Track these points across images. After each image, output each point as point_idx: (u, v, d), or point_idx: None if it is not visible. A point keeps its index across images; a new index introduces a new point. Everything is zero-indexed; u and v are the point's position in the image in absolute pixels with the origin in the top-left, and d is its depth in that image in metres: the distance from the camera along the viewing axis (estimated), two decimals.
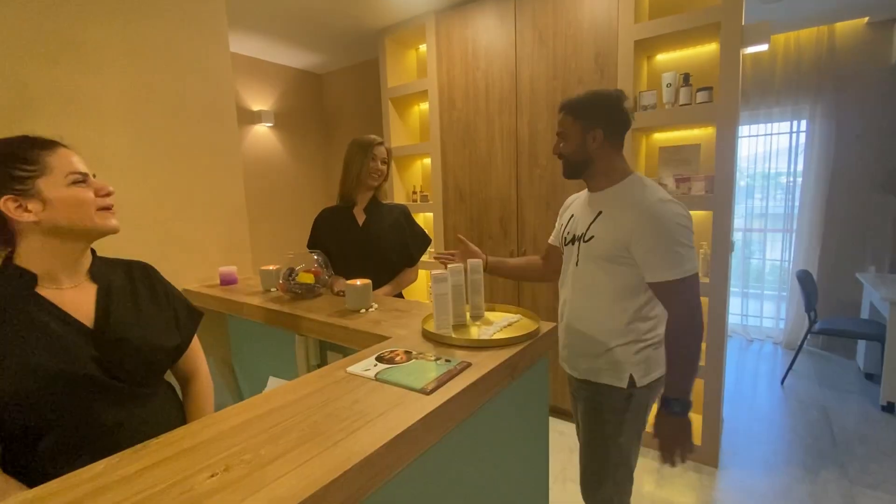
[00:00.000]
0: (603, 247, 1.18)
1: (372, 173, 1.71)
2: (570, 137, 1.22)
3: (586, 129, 1.20)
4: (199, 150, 1.81)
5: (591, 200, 1.27)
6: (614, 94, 1.21)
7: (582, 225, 1.26)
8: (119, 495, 0.49)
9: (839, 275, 3.52)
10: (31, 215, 0.76)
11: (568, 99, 1.25)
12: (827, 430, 2.48)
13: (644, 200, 1.13)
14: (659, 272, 1.10)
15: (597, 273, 1.21)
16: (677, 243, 1.08)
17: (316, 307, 1.33)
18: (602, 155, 1.21)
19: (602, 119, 1.19)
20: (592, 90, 1.23)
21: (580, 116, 1.21)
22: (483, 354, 0.88)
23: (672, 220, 1.09)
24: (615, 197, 1.20)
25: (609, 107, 1.20)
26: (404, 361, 0.84)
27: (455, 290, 1.05)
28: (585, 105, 1.21)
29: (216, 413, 0.69)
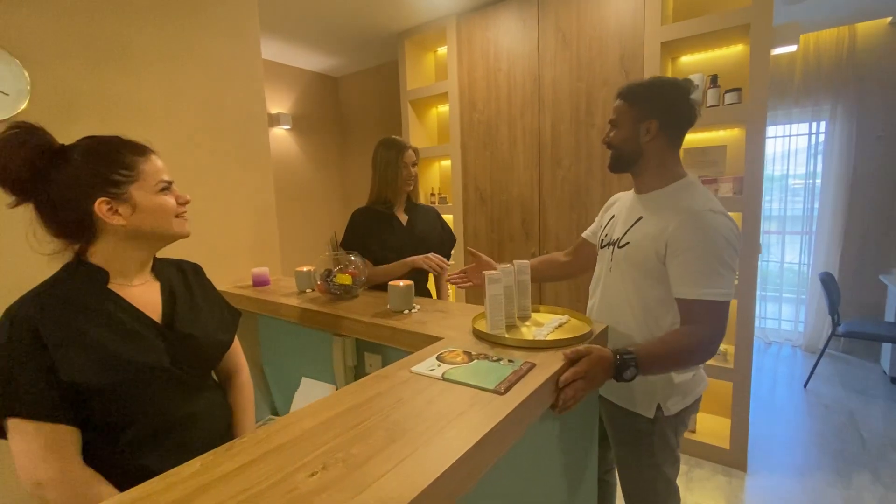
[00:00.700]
0: (638, 255, 1.08)
1: (407, 180, 1.74)
2: (622, 126, 1.12)
3: (640, 118, 1.09)
4: (233, 153, 1.82)
5: (636, 203, 1.17)
6: (680, 84, 1.09)
7: (620, 228, 1.16)
8: (224, 493, 0.50)
9: (861, 277, 3.49)
10: (120, 219, 0.77)
11: (629, 84, 1.14)
12: (855, 434, 2.45)
13: (693, 207, 1.01)
14: (691, 288, 0.97)
15: (628, 284, 1.11)
16: (720, 261, 0.96)
17: (355, 308, 1.34)
18: (654, 150, 1.10)
19: (659, 109, 1.08)
20: (656, 76, 1.14)
21: (636, 103, 1.10)
22: (542, 355, 0.88)
23: (720, 234, 0.97)
24: (661, 201, 1.10)
25: (671, 97, 1.08)
26: (466, 362, 0.84)
27: (507, 290, 1.05)
28: (643, 91, 1.10)
29: (293, 413, 0.69)
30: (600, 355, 0.87)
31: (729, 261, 0.98)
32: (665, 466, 1.16)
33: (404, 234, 1.76)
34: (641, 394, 1.12)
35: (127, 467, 0.74)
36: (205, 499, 0.49)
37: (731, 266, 0.98)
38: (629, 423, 1.16)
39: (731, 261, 0.98)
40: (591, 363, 0.85)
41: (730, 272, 0.98)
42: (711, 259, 0.96)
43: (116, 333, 0.75)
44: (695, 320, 0.98)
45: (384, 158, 1.72)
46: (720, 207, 1.03)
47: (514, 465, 0.73)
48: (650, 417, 1.12)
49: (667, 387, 1.10)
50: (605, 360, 0.87)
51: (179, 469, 0.55)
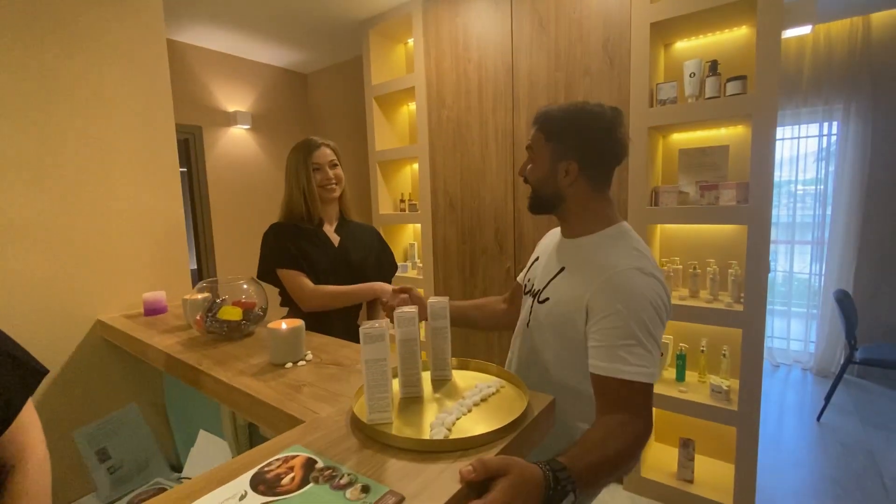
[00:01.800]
0: (558, 317, 0.87)
1: (323, 184, 1.40)
2: (539, 162, 0.91)
3: (557, 156, 0.88)
4: (125, 152, 1.49)
5: (560, 248, 0.96)
6: (604, 115, 0.87)
7: (541, 279, 0.96)
8: None
9: (879, 293, 3.13)
10: None
11: (545, 109, 0.92)
12: (877, 481, 2.09)
13: (618, 264, 0.81)
14: (610, 363, 0.75)
15: (546, 349, 0.91)
16: (646, 332, 0.76)
17: (235, 355, 1.00)
18: (576, 194, 0.89)
19: (578, 148, 0.87)
20: (577, 104, 0.89)
21: (552, 138, 0.89)
22: (431, 471, 0.54)
23: (648, 301, 0.77)
24: (586, 251, 0.89)
25: (591, 133, 0.86)
26: (293, 489, 0.50)
27: (404, 347, 0.72)
28: (561, 124, 0.88)
29: None
30: (523, 477, 0.52)
31: (656, 334, 0.78)
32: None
33: (335, 255, 1.42)
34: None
35: None
36: None
37: (657, 341, 0.78)
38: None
39: (657, 333, 0.78)
40: (512, 492, 0.50)
41: (655, 347, 0.77)
42: (633, 328, 0.76)
43: None
44: (616, 407, 0.74)
45: (293, 163, 1.39)
46: (651, 267, 0.82)
47: None
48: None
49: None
50: (532, 485, 0.52)
51: None
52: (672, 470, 2.02)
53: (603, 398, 0.76)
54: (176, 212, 1.63)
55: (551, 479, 0.54)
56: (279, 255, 1.36)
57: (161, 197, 1.59)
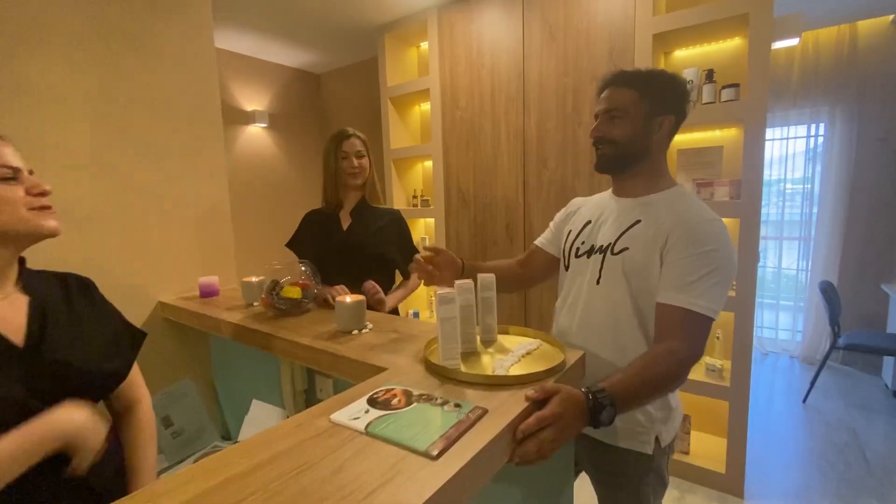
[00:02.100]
0: (637, 261, 0.93)
1: (348, 171, 1.57)
2: (631, 118, 0.95)
3: (655, 112, 0.95)
4: (178, 149, 1.65)
5: (628, 206, 1.01)
6: (684, 81, 0.97)
7: (610, 234, 1.00)
8: None
9: (862, 286, 3.35)
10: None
11: (624, 71, 0.99)
12: (859, 455, 2.30)
13: (701, 214, 0.91)
14: (679, 294, 0.85)
15: (624, 296, 0.95)
16: (721, 274, 0.85)
17: (302, 326, 1.17)
18: (660, 150, 0.99)
19: (675, 106, 0.96)
20: (658, 69, 0.99)
21: (649, 95, 0.95)
22: (501, 396, 0.71)
23: (724, 246, 0.87)
24: (659, 205, 0.96)
25: (684, 93, 0.97)
26: (403, 407, 0.67)
27: (464, 311, 0.89)
28: (659, 83, 0.96)
29: (158, 482, 0.52)
30: (570, 395, 0.69)
31: (729, 277, 0.87)
32: (657, 500, 1.03)
33: (340, 237, 1.58)
34: (635, 427, 0.96)
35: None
36: None
37: (729, 283, 0.88)
38: (620, 462, 1.00)
39: (730, 279, 0.87)
40: (563, 404, 0.67)
41: (725, 290, 0.87)
42: (712, 269, 0.85)
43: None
44: (672, 334, 0.85)
45: (326, 150, 1.58)
46: (717, 216, 0.93)
47: None
48: (649, 454, 0.97)
49: (665, 416, 0.97)
50: (577, 401, 0.69)
51: None
52: None
53: (664, 327, 0.86)
54: (223, 202, 1.79)
55: (591, 400, 0.71)
56: (293, 235, 1.71)
57: (209, 188, 1.74)
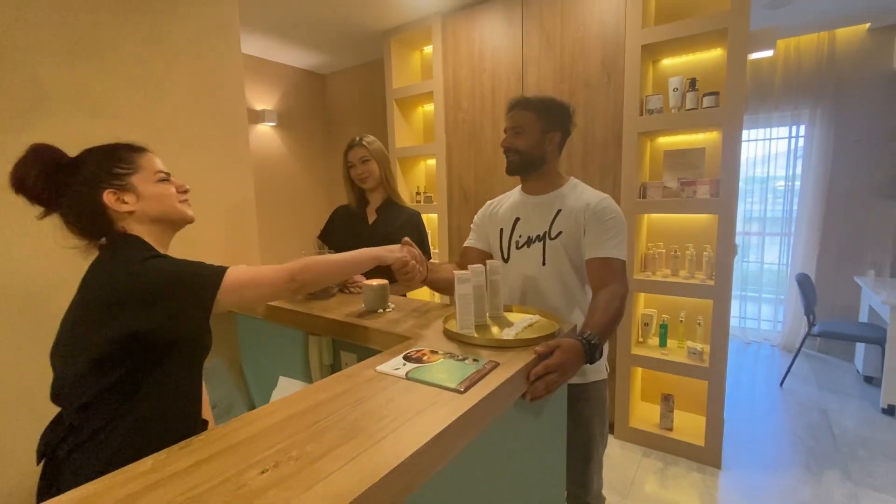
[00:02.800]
0: (570, 240, 1.25)
1: (357, 178, 1.76)
2: (529, 134, 1.27)
3: (546, 129, 1.27)
4: (211, 149, 1.81)
5: (545, 201, 1.32)
6: (571, 106, 1.32)
7: (540, 225, 1.30)
8: (173, 491, 0.50)
9: (837, 278, 3.57)
10: (127, 206, 0.88)
11: (526, 97, 1.31)
12: (828, 432, 2.51)
13: (591, 198, 1.26)
14: (610, 251, 1.20)
15: (567, 264, 1.27)
16: (622, 233, 1.22)
17: (331, 307, 1.34)
18: (554, 157, 1.31)
19: (560, 125, 1.29)
20: (551, 97, 1.32)
21: (542, 116, 1.27)
22: (508, 354, 0.89)
23: (618, 214, 1.24)
24: (567, 196, 1.29)
25: (568, 116, 1.30)
26: (432, 361, 0.85)
27: (476, 290, 1.06)
28: (549, 107, 1.28)
29: (253, 411, 0.69)
30: (570, 346, 0.93)
31: (625, 232, 1.23)
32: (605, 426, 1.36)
33: (367, 231, 1.77)
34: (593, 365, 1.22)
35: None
36: (151, 497, 0.49)
37: (622, 233, 1.22)
38: (592, 392, 1.30)
39: (626, 232, 1.24)
40: (564, 354, 0.90)
41: (622, 238, 1.22)
42: (618, 231, 1.22)
43: None
44: (611, 278, 1.17)
45: (343, 158, 1.78)
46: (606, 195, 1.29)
47: (475, 462, 0.74)
48: (605, 378, 1.33)
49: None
50: (575, 349, 0.93)
51: (131, 467, 0.55)
52: (655, 421, 2.41)
53: (597, 275, 1.19)
54: (248, 194, 1.95)
55: (586, 344, 0.95)
56: (324, 228, 1.88)
57: (237, 182, 1.90)
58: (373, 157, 1.77)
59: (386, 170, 1.81)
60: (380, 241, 1.75)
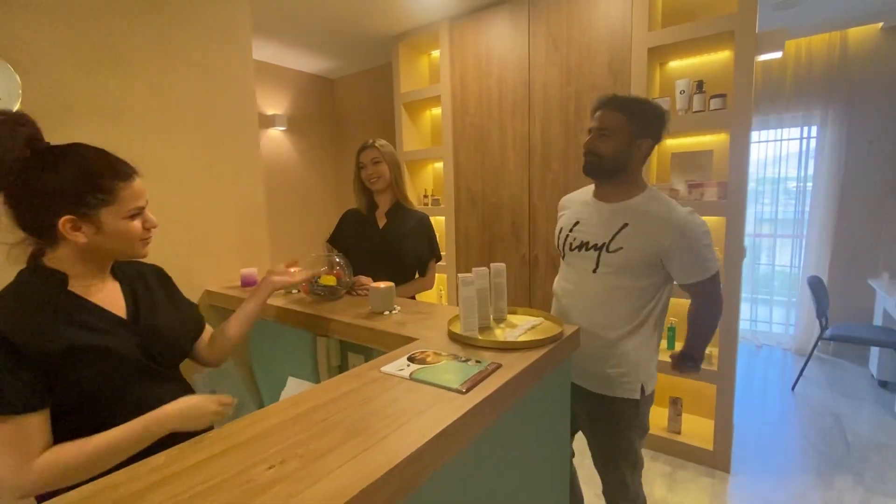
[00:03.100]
0: (635, 258, 1.18)
1: (367, 180, 1.77)
2: (618, 138, 1.17)
3: (637, 134, 1.18)
4: (223, 154, 1.85)
5: (610, 211, 1.24)
6: (665, 112, 1.21)
7: (602, 234, 1.23)
8: (183, 485, 0.52)
9: (851, 281, 3.51)
10: (81, 236, 0.78)
11: (616, 96, 1.20)
12: (840, 437, 2.47)
13: (673, 216, 1.16)
14: (696, 275, 1.18)
15: (621, 281, 1.21)
16: (707, 249, 1.17)
17: (339, 309, 1.36)
18: (638, 166, 1.22)
19: (654, 131, 1.19)
20: (645, 98, 1.22)
21: (635, 120, 1.17)
22: (510, 356, 0.90)
23: (700, 231, 1.16)
24: (639, 210, 1.20)
25: (662, 122, 1.20)
26: (435, 362, 0.87)
27: (480, 293, 1.08)
28: (644, 111, 1.18)
29: (262, 410, 0.71)
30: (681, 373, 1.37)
31: (711, 246, 1.19)
32: (639, 444, 1.30)
33: (376, 236, 1.79)
34: (624, 379, 1.23)
35: None
36: (163, 491, 0.52)
37: (712, 247, 1.19)
38: (615, 409, 1.25)
39: (711, 244, 1.19)
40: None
41: (713, 252, 1.20)
42: (702, 250, 1.17)
43: (78, 327, 0.77)
44: (702, 294, 1.23)
45: (355, 160, 1.79)
46: (687, 208, 1.20)
47: (476, 461, 0.76)
48: (636, 399, 1.24)
49: (647, 369, 1.26)
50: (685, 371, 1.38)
51: (143, 462, 0.57)
52: (663, 424, 2.40)
53: (696, 293, 1.23)
54: (259, 200, 1.99)
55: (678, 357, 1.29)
56: (333, 232, 1.89)
57: (248, 187, 1.94)
58: (384, 159, 1.78)
59: (396, 173, 1.82)
60: (391, 244, 1.79)
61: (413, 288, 1.79)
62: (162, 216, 1.69)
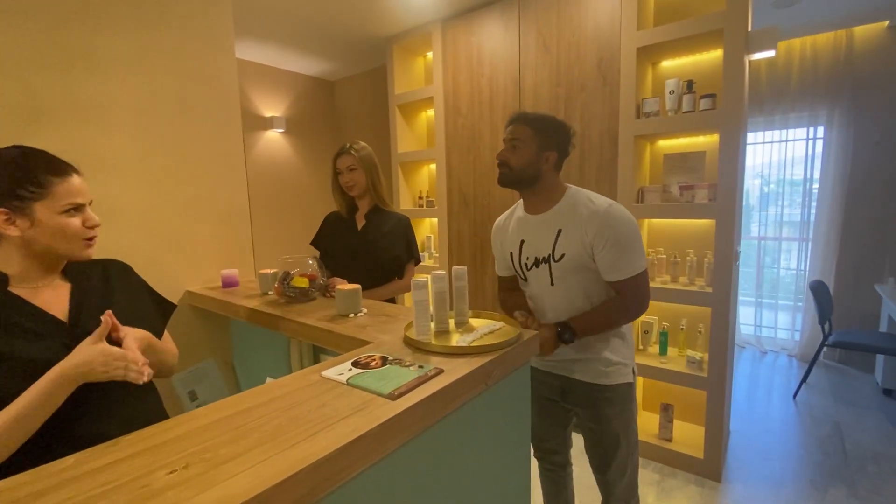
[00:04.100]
0: (575, 261, 1.24)
1: (345, 186, 1.79)
2: (525, 150, 1.25)
3: (543, 147, 1.25)
4: (203, 154, 1.86)
5: (545, 220, 1.29)
6: (570, 127, 1.30)
7: (544, 246, 1.29)
8: (80, 488, 0.52)
9: (857, 286, 3.41)
10: (15, 230, 0.79)
11: (525, 113, 1.29)
12: (839, 447, 2.40)
13: (595, 208, 1.22)
14: (624, 271, 1.21)
15: (575, 286, 1.28)
16: (630, 244, 1.20)
17: (308, 311, 1.36)
18: (548, 175, 1.28)
19: (557, 145, 1.27)
20: (548, 114, 1.30)
21: (540, 134, 1.25)
22: (458, 361, 0.89)
23: (622, 223, 1.20)
24: (566, 213, 1.26)
25: (566, 136, 1.28)
26: (378, 367, 0.86)
27: (438, 296, 1.07)
28: (547, 126, 1.26)
29: (187, 413, 0.71)
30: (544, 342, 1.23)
31: (637, 241, 1.21)
32: (635, 420, 1.37)
33: (355, 237, 1.79)
34: (620, 366, 1.31)
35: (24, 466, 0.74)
36: (62, 492, 0.51)
37: (640, 244, 1.22)
38: (615, 394, 1.31)
39: (639, 240, 1.22)
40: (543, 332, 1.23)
41: (640, 247, 1.22)
42: (626, 245, 1.19)
43: (11, 335, 0.77)
44: (628, 290, 1.23)
45: (331, 164, 1.81)
46: (610, 200, 1.25)
47: (410, 466, 0.74)
48: (631, 381, 1.33)
49: (630, 352, 1.35)
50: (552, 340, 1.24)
51: (53, 464, 0.57)
52: (654, 431, 2.35)
53: (623, 289, 1.22)
54: (242, 202, 2.00)
55: (558, 327, 1.21)
56: (316, 234, 1.93)
57: (231, 190, 1.96)
58: (360, 165, 1.78)
59: (374, 177, 1.82)
60: (369, 246, 1.78)
61: (389, 290, 1.78)
62: (141, 217, 1.73)
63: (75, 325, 0.86)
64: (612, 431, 1.32)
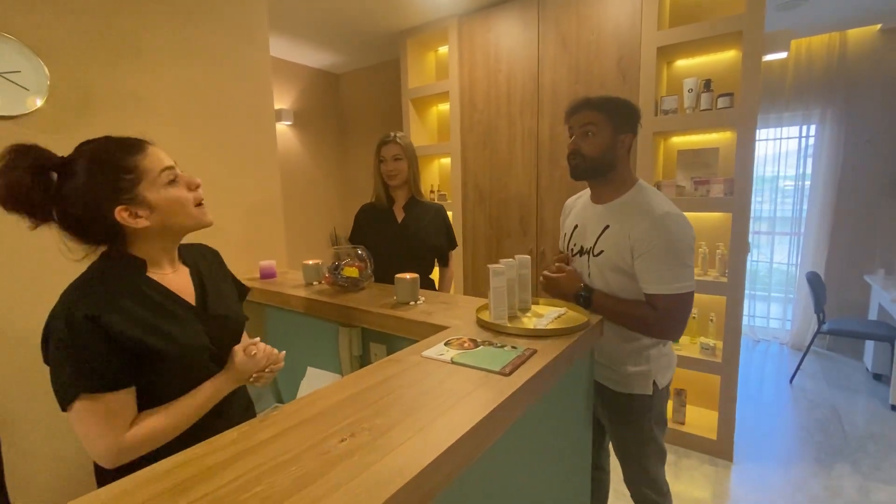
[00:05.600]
0: (613, 261, 1.18)
1: (388, 173, 1.78)
2: (600, 136, 1.17)
3: (618, 131, 1.18)
4: (241, 147, 1.87)
5: (599, 212, 1.25)
6: (638, 107, 1.24)
7: (590, 238, 1.25)
8: (265, 456, 0.56)
9: (847, 277, 3.59)
10: (143, 220, 0.80)
11: (597, 96, 1.20)
12: (838, 427, 2.55)
13: (652, 211, 1.12)
14: (662, 286, 1.10)
15: (610, 284, 1.21)
16: (682, 259, 1.10)
17: (362, 300, 1.40)
18: (624, 162, 1.22)
19: (633, 126, 1.20)
20: (612, 95, 1.22)
21: (613, 118, 1.18)
22: (543, 343, 0.94)
23: (681, 232, 1.10)
24: (623, 208, 1.20)
25: (637, 116, 1.22)
26: (472, 348, 0.91)
27: (509, 283, 1.12)
28: (619, 107, 1.19)
29: (315, 392, 0.75)
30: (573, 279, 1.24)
31: (687, 258, 1.11)
32: (660, 435, 1.31)
33: (397, 230, 1.82)
34: (637, 377, 1.24)
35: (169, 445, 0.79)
36: (246, 461, 0.55)
37: (691, 263, 1.12)
38: (631, 403, 1.27)
39: (689, 258, 1.11)
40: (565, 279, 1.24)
41: (688, 268, 1.11)
42: (672, 259, 1.09)
43: (160, 315, 0.80)
44: (660, 308, 1.12)
45: (375, 154, 1.80)
46: (675, 208, 1.15)
47: (512, 447, 0.80)
48: (649, 394, 1.25)
49: (658, 365, 1.25)
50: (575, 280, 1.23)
51: (218, 437, 0.61)
52: (668, 415, 2.45)
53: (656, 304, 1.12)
54: (274, 194, 2.02)
55: (581, 287, 1.17)
56: (353, 230, 1.91)
57: (263, 181, 1.97)
58: (405, 154, 1.80)
59: (414, 167, 1.85)
60: (411, 237, 1.82)
61: (447, 281, 1.85)
62: None
63: (204, 308, 0.90)
64: (629, 440, 1.31)
